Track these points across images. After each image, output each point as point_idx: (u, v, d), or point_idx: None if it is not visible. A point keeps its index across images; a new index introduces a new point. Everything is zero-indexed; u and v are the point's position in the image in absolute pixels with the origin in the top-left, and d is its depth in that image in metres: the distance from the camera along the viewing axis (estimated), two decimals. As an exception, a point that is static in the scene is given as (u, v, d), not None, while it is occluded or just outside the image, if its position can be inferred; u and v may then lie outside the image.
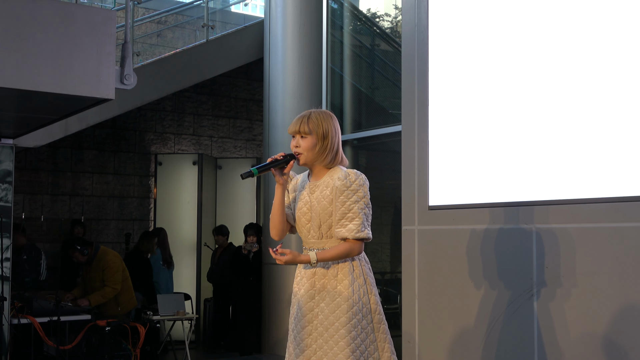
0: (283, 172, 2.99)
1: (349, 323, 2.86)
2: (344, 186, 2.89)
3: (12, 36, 4.02)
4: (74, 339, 5.68)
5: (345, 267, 2.92)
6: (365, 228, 2.89)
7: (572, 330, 3.93)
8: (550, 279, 4.04)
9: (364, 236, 2.89)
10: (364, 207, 2.90)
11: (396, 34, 7.28)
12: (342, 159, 3.03)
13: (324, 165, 2.99)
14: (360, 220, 2.88)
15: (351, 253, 2.91)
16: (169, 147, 9.45)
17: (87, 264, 6.56)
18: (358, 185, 2.90)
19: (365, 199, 2.92)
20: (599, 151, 3.87)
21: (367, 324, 2.89)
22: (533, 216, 4.15)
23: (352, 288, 2.88)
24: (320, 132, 2.94)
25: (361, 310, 2.88)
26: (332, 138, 2.95)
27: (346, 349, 2.83)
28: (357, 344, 2.85)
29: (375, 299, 2.95)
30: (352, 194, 2.89)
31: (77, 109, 5.00)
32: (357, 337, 2.85)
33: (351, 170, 2.96)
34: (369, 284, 2.95)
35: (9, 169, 5.67)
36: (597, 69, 3.92)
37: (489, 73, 4.51)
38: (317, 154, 2.95)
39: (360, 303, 2.88)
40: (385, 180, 7.02)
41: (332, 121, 2.99)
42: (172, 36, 9.91)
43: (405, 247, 4.95)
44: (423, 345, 4.79)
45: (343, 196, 2.89)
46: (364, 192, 2.91)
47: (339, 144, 3.00)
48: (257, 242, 7.54)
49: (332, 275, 2.92)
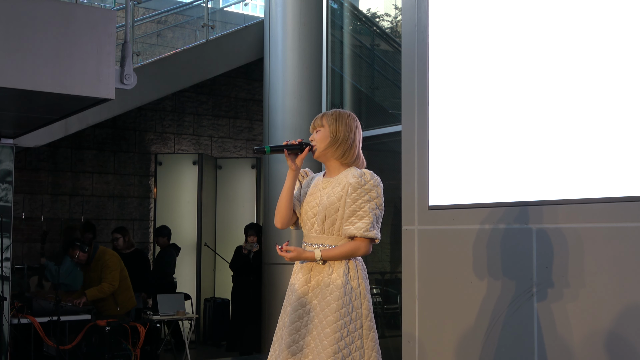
0: (296, 159, 2.99)
1: (335, 323, 2.82)
2: (358, 184, 2.88)
3: (12, 36, 4.02)
4: (74, 338, 5.69)
5: (341, 267, 2.90)
6: (374, 228, 2.88)
7: (573, 330, 3.93)
8: (550, 279, 4.04)
9: (372, 235, 2.88)
10: (375, 207, 2.90)
11: (396, 34, 7.28)
12: (361, 161, 3.04)
13: (339, 162, 2.99)
14: (370, 219, 2.87)
15: (357, 252, 2.90)
16: (169, 147, 9.45)
17: (87, 263, 6.58)
18: (372, 186, 2.90)
19: (378, 200, 2.92)
20: (600, 151, 3.87)
21: (356, 328, 2.86)
22: (533, 216, 4.15)
23: (345, 289, 2.86)
24: (334, 126, 2.96)
25: (350, 314, 2.85)
26: (346, 133, 2.95)
27: (328, 349, 2.80)
28: (340, 346, 2.81)
29: (367, 305, 2.91)
30: (365, 193, 2.88)
31: (77, 109, 5.00)
32: (342, 339, 2.82)
33: (367, 170, 2.95)
34: (362, 288, 2.91)
35: (9, 169, 5.67)
36: (597, 68, 3.92)
37: (488, 73, 4.51)
38: (329, 146, 2.95)
39: (350, 306, 2.85)
40: (385, 180, 7.00)
41: (349, 119, 3.00)
42: (172, 36, 9.91)
43: (405, 247, 4.95)
44: (423, 345, 4.78)
45: (355, 194, 2.88)
46: (377, 193, 2.91)
47: (356, 142, 3.00)
48: (257, 242, 7.55)
49: (327, 274, 2.91)
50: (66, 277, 6.56)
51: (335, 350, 2.80)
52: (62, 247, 7.96)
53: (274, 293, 7.21)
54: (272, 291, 7.25)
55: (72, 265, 6.53)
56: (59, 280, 6.24)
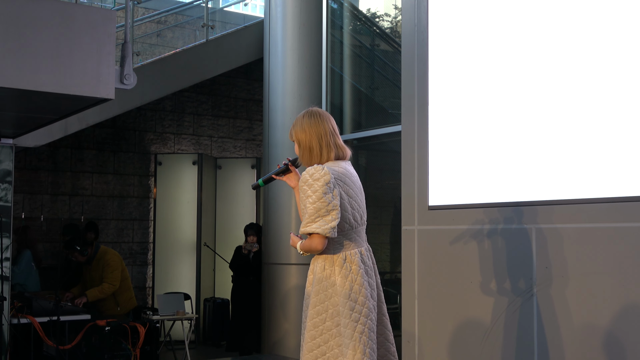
0: (290, 177, 3.12)
1: (312, 320, 2.87)
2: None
3: (12, 36, 4.01)
4: (74, 338, 5.68)
5: (318, 263, 2.92)
6: (312, 222, 2.83)
7: (572, 330, 3.93)
8: (550, 279, 4.04)
9: (308, 231, 2.84)
10: (314, 201, 2.85)
11: (396, 34, 7.28)
12: (340, 152, 3.00)
13: (327, 160, 3.00)
14: (309, 215, 2.84)
15: (311, 248, 2.88)
16: (169, 147, 9.45)
17: (87, 263, 6.58)
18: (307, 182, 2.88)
19: (316, 194, 2.87)
20: (599, 151, 3.87)
21: (332, 326, 2.83)
22: (533, 216, 4.15)
23: (320, 286, 2.87)
24: (299, 138, 3.01)
25: (326, 311, 2.84)
26: (309, 141, 2.96)
27: (309, 344, 2.86)
28: (316, 344, 2.84)
29: (345, 302, 2.83)
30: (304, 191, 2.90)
31: (77, 108, 5.00)
32: (317, 337, 2.84)
33: (310, 167, 2.93)
34: (340, 285, 2.85)
35: (9, 169, 5.66)
36: (597, 69, 3.92)
37: (488, 73, 4.51)
38: (309, 157, 2.99)
39: (326, 303, 2.85)
40: (385, 180, 7.02)
41: (307, 123, 2.99)
42: (172, 36, 9.91)
43: (405, 247, 4.95)
44: (423, 345, 4.78)
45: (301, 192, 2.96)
46: (313, 188, 2.86)
47: (323, 141, 2.96)
48: (257, 242, 7.54)
49: (311, 271, 2.97)
50: (21, 277, 6.55)
51: (312, 347, 2.84)
52: (62, 247, 7.96)
53: (273, 293, 7.21)
54: (271, 291, 7.25)
55: (28, 266, 6.50)
56: (14, 280, 6.20)
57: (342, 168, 2.95)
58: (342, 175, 2.92)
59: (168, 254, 8.87)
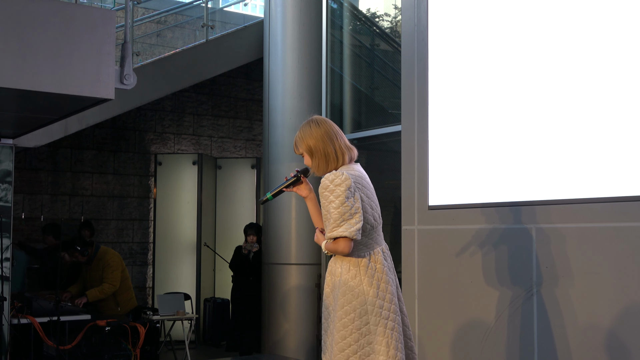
0: (300, 188, 3.08)
1: (340, 320, 2.90)
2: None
3: (12, 36, 4.01)
4: (74, 339, 5.68)
5: (342, 265, 2.95)
6: (338, 227, 2.87)
7: (572, 330, 3.93)
8: (550, 279, 4.04)
9: (334, 235, 2.88)
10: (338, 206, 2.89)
11: (396, 34, 7.28)
12: (352, 153, 3.03)
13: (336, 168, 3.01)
14: (334, 220, 2.88)
15: (337, 250, 2.92)
16: (169, 147, 9.45)
17: (87, 263, 6.58)
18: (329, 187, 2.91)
19: (340, 199, 2.90)
20: (599, 151, 3.87)
21: (362, 325, 2.88)
22: (533, 216, 4.15)
23: (346, 287, 2.90)
24: (311, 147, 2.98)
25: (355, 310, 2.88)
26: (324, 148, 2.96)
27: (340, 344, 2.88)
28: (347, 343, 2.87)
29: (374, 300, 2.90)
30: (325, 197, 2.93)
31: (77, 109, 5.00)
32: (347, 336, 2.87)
33: (328, 174, 2.95)
34: (366, 284, 2.91)
35: (9, 169, 5.66)
36: (597, 69, 3.92)
37: (488, 73, 4.51)
38: (323, 165, 2.99)
39: (354, 302, 2.89)
40: (385, 180, 7.01)
41: (316, 130, 2.99)
42: (172, 36, 9.91)
43: (405, 247, 4.95)
44: (423, 345, 4.78)
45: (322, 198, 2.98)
46: (335, 193, 2.90)
47: (336, 144, 2.98)
48: (257, 242, 7.54)
49: (336, 273, 3.00)
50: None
51: (343, 346, 2.86)
52: (62, 247, 7.95)
53: (273, 293, 7.21)
54: (271, 291, 7.25)
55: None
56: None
57: (356, 171, 2.99)
58: (359, 178, 2.96)
59: (168, 254, 8.87)
